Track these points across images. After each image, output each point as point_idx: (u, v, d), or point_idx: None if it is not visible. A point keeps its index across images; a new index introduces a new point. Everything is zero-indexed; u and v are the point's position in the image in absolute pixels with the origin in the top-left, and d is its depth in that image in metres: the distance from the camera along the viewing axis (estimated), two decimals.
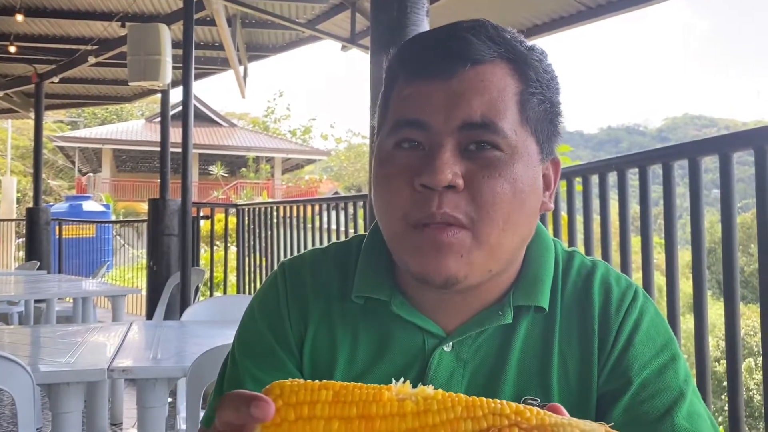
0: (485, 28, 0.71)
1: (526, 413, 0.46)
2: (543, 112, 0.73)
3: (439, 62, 0.70)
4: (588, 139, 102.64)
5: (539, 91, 0.72)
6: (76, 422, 1.87)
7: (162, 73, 4.76)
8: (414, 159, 0.69)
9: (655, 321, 0.76)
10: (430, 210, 0.67)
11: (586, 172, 2.43)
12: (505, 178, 0.68)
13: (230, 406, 0.48)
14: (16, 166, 26.90)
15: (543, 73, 0.73)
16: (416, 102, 0.70)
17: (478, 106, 0.68)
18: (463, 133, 0.68)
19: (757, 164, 1.70)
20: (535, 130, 0.72)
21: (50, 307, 4.70)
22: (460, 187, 0.67)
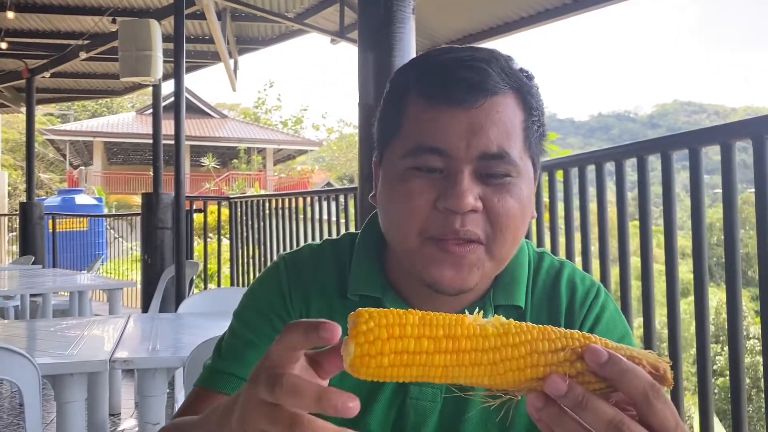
0: (498, 60, 0.78)
1: (592, 338, 0.52)
2: (539, 136, 0.81)
3: (461, 91, 0.75)
4: (579, 126, 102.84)
5: (537, 118, 0.80)
6: (80, 411, 1.96)
7: (153, 69, 4.81)
8: (433, 182, 0.75)
9: (613, 316, 0.87)
10: (454, 227, 0.74)
11: (583, 162, 2.45)
12: (515, 199, 0.77)
13: (297, 331, 0.51)
14: (6, 159, 26.76)
15: (539, 101, 0.81)
16: (438, 129, 0.75)
17: (495, 138, 0.75)
18: (480, 162, 0.75)
19: (756, 153, 1.72)
20: (533, 153, 0.80)
21: (46, 301, 4.77)
22: (479, 210, 0.75)
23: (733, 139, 1.83)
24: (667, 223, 2.03)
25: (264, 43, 7.33)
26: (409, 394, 0.83)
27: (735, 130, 1.88)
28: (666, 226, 2.03)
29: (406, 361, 0.50)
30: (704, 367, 1.86)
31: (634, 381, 0.49)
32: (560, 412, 0.50)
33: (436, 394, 0.82)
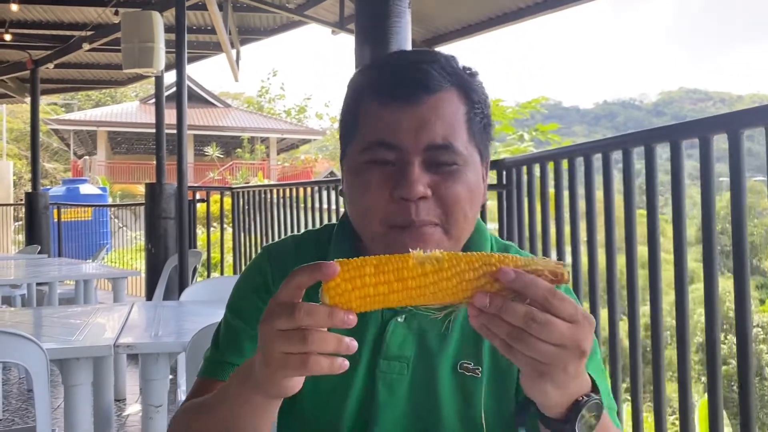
0: (439, 61, 0.87)
1: (506, 260, 0.66)
2: (482, 127, 0.90)
3: (405, 90, 0.85)
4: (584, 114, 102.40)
5: (480, 110, 0.89)
6: (87, 394, 2.04)
7: (156, 60, 4.86)
8: (387, 174, 0.85)
9: None
10: (410, 217, 0.83)
11: (589, 151, 2.46)
12: (461, 185, 0.85)
13: (303, 272, 0.66)
14: (11, 149, 26.88)
15: (482, 95, 0.90)
16: (388, 126, 0.85)
17: (439, 130, 0.84)
18: (428, 153, 0.84)
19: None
20: (478, 142, 0.89)
21: (52, 289, 4.85)
22: (429, 196, 0.84)
23: (743, 127, 1.81)
24: (676, 213, 2.02)
25: (266, 34, 7.37)
26: (378, 368, 0.90)
27: (746, 117, 1.85)
28: (675, 215, 2.02)
29: (368, 301, 0.66)
30: (713, 356, 1.87)
31: (535, 289, 0.64)
32: (490, 317, 0.64)
33: (402, 368, 0.90)
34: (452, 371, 0.90)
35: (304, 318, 0.64)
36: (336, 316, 0.65)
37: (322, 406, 0.92)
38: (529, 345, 0.63)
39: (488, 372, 0.89)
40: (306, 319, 0.64)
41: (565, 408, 0.69)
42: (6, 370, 4.63)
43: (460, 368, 0.90)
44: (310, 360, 0.65)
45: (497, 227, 3.16)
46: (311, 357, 0.65)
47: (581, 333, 0.64)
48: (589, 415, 0.69)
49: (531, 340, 0.63)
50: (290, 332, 0.65)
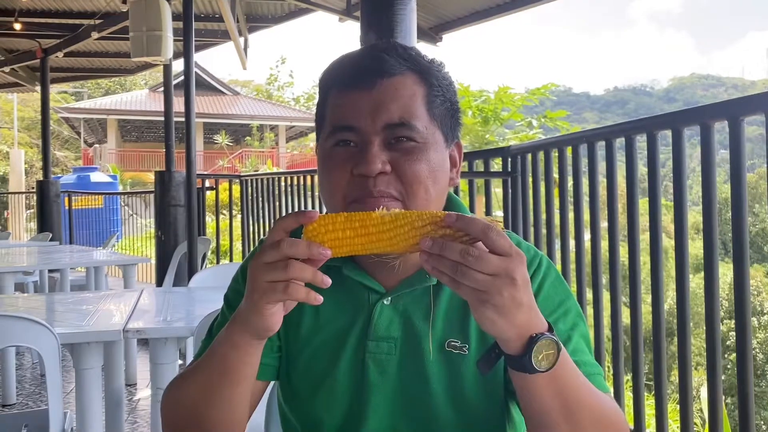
0: (395, 48, 0.93)
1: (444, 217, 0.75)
2: (445, 110, 0.95)
3: (362, 77, 0.91)
4: (594, 100, 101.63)
5: (440, 93, 0.94)
6: (97, 377, 2.09)
7: (164, 49, 4.88)
8: (349, 154, 0.90)
9: (554, 284, 0.96)
10: (368, 190, 0.88)
11: (593, 138, 2.48)
12: (421, 161, 0.90)
13: (289, 218, 0.78)
14: (22, 137, 27.05)
15: (443, 80, 0.95)
16: (347, 110, 0.91)
17: (395, 110, 0.90)
18: (386, 132, 0.90)
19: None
20: (441, 124, 0.94)
21: (64, 276, 4.92)
22: (388, 172, 0.88)
23: (743, 114, 1.81)
24: (677, 199, 2.04)
25: (274, 21, 7.37)
26: (367, 350, 0.94)
27: (746, 104, 1.86)
28: (676, 202, 2.04)
29: (338, 244, 0.78)
30: (713, 342, 1.90)
31: (474, 225, 0.73)
32: (437, 258, 0.74)
33: (391, 348, 0.93)
34: (440, 350, 0.93)
35: (288, 248, 0.75)
36: (313, 247, 0.76)
37: (315, 388, 0.96)
38: (468, 276, 0.72)
39: (475, 349, 0.92)
40: (289, 250, 0.75)
41: (521, 344, 0.76)
42: (19, 355, 4.71)
43: (447, 347, 0.93)
44: (290, 286, 0.76)
45: (502, 214, 3.18)
46: (291, 284, 0.76)
47: (512, 264, 0.72)
48: (546, 350, 0.75)
49: (469, 271, 0.72)
50: (275, 263, 0.76)
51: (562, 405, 0.79)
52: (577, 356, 0.89)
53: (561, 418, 0.79)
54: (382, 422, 0.93)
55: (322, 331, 0.97)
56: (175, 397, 0.93)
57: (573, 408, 0.80)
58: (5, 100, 24.76)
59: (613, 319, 2.38)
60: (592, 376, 0.89)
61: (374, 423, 0.93)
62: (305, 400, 0.97)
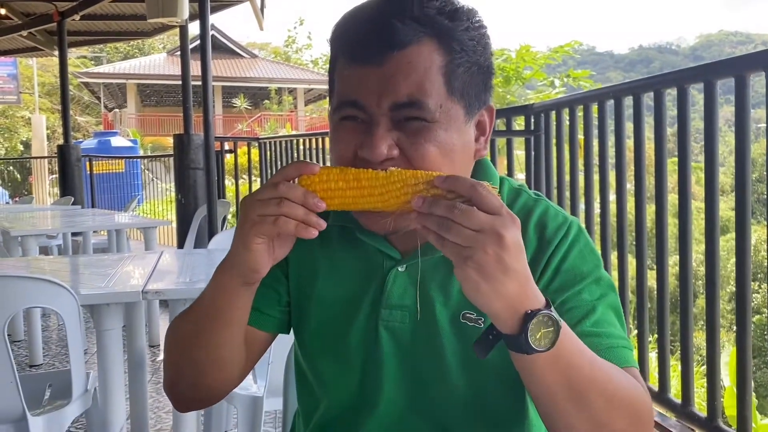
0: (410, 10, 0.81)
1: (435, 177, 0.74)
2: (470, 77, 0.84)
3: (370, 50, 0.81)
4: (618, 59, 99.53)
5: (464, 58, 0.82)
6: (118, 338, 2.10)
7: (180, 9, 4.81)
8: (356, 131, 0.83)
9: (583, 252, 0.88)
10: None
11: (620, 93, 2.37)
12: (431, 143, 0.81)
13: (291, 166, 0.79)
14: (43, 103, 27.24)
15: (468, 41, 0.83)
16: (354, 85, 0.83)
17: (405, 88, 0.80)
18: (394, 112, 0.81)
19: None
20: (463, 94, 0.83)
21: (86, 239, 4.97)
22: (395, 156, 0.81)
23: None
24: (708, 157, 1.95)
25: None
26: (380, 317, 0.90)
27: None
28: (707, 160, 1.95)
29: (330, 195, 0.78)
30: (743, 304, 1.84)
31: (462, 183, 0.71)
32: (425, 216, 0.71)
33: (404, 316, 0.89)
34: (455, 321, 0.88)
35: (284, 189, 0.76)
36: (309, 196, 0.76)
37: (327, 350, 0.93)
38: (452, 230, 0.69)
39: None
40: (285, 191, 0.76)
41: (516, 321, 0.71)
42: (45, 317, 4.79)
43: (462, 318, 0.88)
44: (280, 219, 0.76)
45: (524, 177, 3.11)
46: (282, 217, 0.76)
47: (500, 222, 0.69)
48: (544, 328, 0.70)
49: (453, 225, 0.69)
50: (268, 200, 0.77)
51: (567, 387, 0.73)
52: (601, 327, 0.84)
53: (568, 401, 0.74)
54: (398, 391, 0.90)
55: (335, 294, 0.93)
56: (171, 336, 0.93)
57: (581, 390, 0.74)
58: (25, 66, 24.87)
59: (638, 281, 2.33)
60: (614, 349, 0.83)
61: (389, 393, 0.90)
62: (317, 359, 0.95)
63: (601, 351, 0.81)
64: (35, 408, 1.92)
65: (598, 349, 0.81)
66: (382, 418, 0.90)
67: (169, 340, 0.94)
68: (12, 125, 26.24)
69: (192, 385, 0.93)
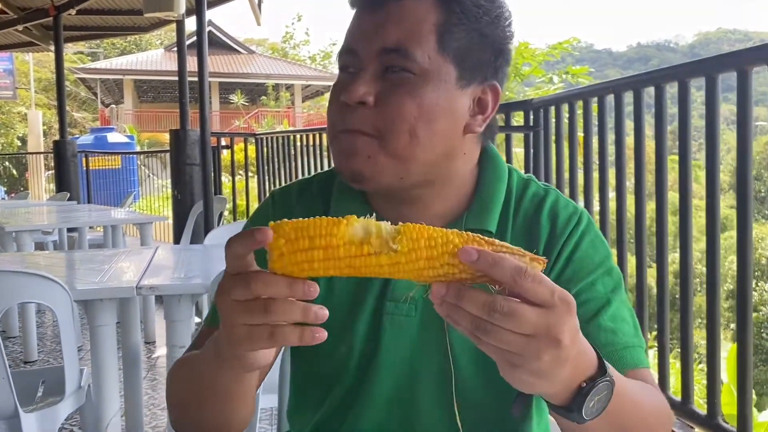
0: None
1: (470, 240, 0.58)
2: (469, 43, 0.81)
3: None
4: (616, 57, 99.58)
5: (465, 23, 0.80)
6: (111, 334, 2.07)
7: (176, 4, 4.78)
8: (345, 80, 0.82)
9: (594, 242, 0.87)
10: (344, 121, 0.81)
11: (620, 89, 2.35)
12: (411, 96, 0.78)
13: (235, 243, 0.59)
14: (39, 99, 27.12)
15: (473, 9, 0.81)
16: (351, 32, 0.83)
17: (394, 34, 0.79)
18: (381, 58, 0.79)
19: None
20: (458, 58, 0.80)
21: (82, 235, 4.94)
22: (370, 104, 0.79)
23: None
24: (709, 151, 1.92)
25: None
26: (385, 310, 0.86)
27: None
28: (708, 153, 1.92)
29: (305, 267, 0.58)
30: (744, 302, 1.82)
31: (501, 269, 0.55)
32: (452, 307, 0.57)
33: (410, 309, 0.86)
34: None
35: (262, 289, 0.58)
36: (296, 287, 0.58)
37: (329, 349, 0.89)
38: (494, 336, 0.56)
39: None
40: (264, 290, 0.58)
41: (567, 397, 0.62)
42: (40, 312, 4.76)
43: None
44: (276, 331, 0.59)
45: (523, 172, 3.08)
46: (278, 328, 0.59)
47: (554, 319, 0.56)
48: (597, 395, 0.62)
49: (495, 330, 0.56)
50: (250, 303, 0.59)
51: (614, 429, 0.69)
52: (617, 323, 0.82)
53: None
54: (397, 388, 0.86)
55: (339, 287, 0.89)
56: (170, 392, 0.84)
57: (625, 427, 0.70)
58: (21, 61, 24.75)
59: (638, 278, 2.31)
60: (629, 348, 0.81)
61: (386, 389, 0.86)
62: (316, 356, 0.91)
63: (618, 351, 0.80)
64: (28, 405, 1.89)
65: (615, 349, 0.80)
66: (378, 415, 0.87)
67: (168, 391, 0.84)
68: (8, 121, 26.13)
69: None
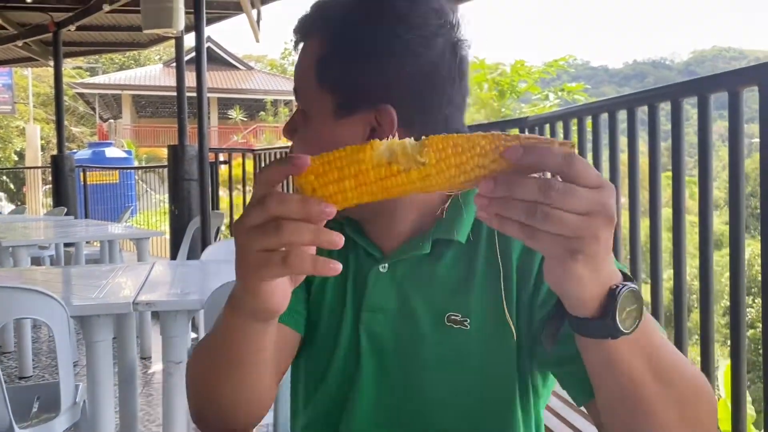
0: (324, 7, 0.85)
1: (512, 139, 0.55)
2: (347, 69, 0.80)
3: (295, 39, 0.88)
4: (613, 74, 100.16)
5: (340, 53, 0.80)
6: (107, 350, 2.07)
7: (175, 20, 4.81)
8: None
9: None
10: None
11: (614, 107, 2.36)
12: (299, 134, 0.86)
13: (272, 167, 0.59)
14: (38, 113, 27.17)
15: (351, 36, 0.80)
16: None
17: (296, 75, 0.87)
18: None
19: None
20: (335, 87, 0.81)
21: (79, 250, 4.94)
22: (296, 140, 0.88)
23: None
24: (702, 170, 1.93)
25: None
26: (361, 321, 0.87)
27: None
28: (701, 172, 1.93)
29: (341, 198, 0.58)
30: (737, 319, 1.82)
31: (552, 157, 0.53)
32: (502, 202, 0.54)
33: (386, 320, 0.86)
34: (439, 325, 0.84)
35: (276, 206, 0.57)
36: (310, 204, 0.57)
37: (315, 360, 0.91)
38: (553, 218, 0.53)
39: (478, 323, 0.83)
40: (277, 208, 0.57)
41: (599, 302, 0.59)
42: (36, 328, 4.75)
43: (447, 321, 0.84)
44: (290, 255, 0.57)
45: None
46: (291, 252, 0.57)
47: (606, 197, 0.54)
48: (628, 305, 0.59)
49: (554, 212, 0.53)
50: (264, 225, 0.58)
51: (653, 370, 0.63)
52: None
53: (654, 384, 0.64)
54: (377, 399, 0.87)
55: (326, 293, 0.91)
56: (190, 374, 0.86)
57: (665, 370, 0.65)
58: (20, 76, 24.83)
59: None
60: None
61: (368, 400, 0.87)
62: (302, 366, 0.93)
63: None
64: (23, 421, 1.89)
65: None
66: (359, 426, 0.88)
67: (188, 377, 0.87)
68: (6, 135, 26.17)
69: (221, 420, 0.85)
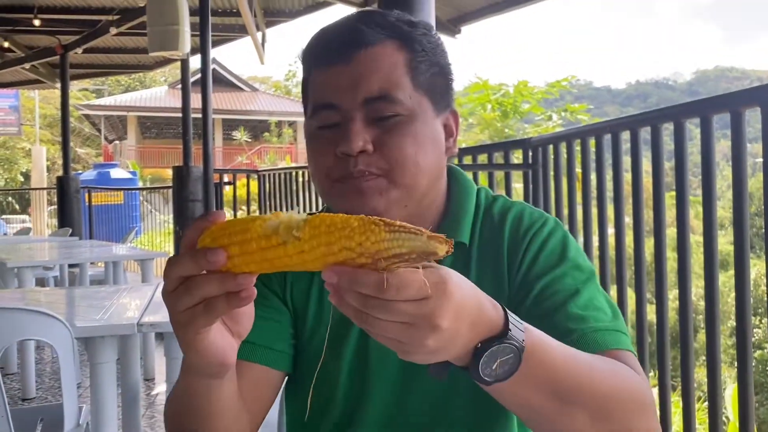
0: (372, 16, 0.88)
1: (367, 241, 0.56)
2: (432, 75, 0.88)
3: (339, 51, 0.86)
4: (616, 94, 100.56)
5: (426, 57, 0.87)
6: (111, 371, 2.07)
7: (181, 43, 4.87)
8: (333, 135, 0.85)
9: (564, 240, 0.89)
10: (348, 170, 0.84)
11: (617, 128, 2.38)
12: (406, 135, 0.84)
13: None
14: (44, 134, 27.37)
15: (427, 43, 0.88)
16: (327, 87, 0.87)
17: (375, 82, 0.84)
18: (368, 107, 0.84)
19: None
20: (429, 91, 0.88)
21: (83, 271, 4.94)
22: (370, 151, 0.84)
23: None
24: (706, 191, 1.95)
25: (291, 16, 7.34)
26: (370, 337, 0.87)
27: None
28: (705, 193, 1.95)
29: (227, 264, 0.60)
30: (744, 340, 1.82)
31: (363, 287, 0.57)
32: (339, 295, 0.58)
33: None
34: None
35: (174, 268, 0.63)
36: (197, 257, 0.61)
37: (320, 377, 0.92)
38: (375, 326, 0.58)
39: None
40: (175, 269, 0.63)
41: (466, 359, 0.63)
42: (39, 349, 4.74)
43: None
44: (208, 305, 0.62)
45: None
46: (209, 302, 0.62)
47: (429, 308, 0.57)
48: (501, 356, 0.63)
49: (377, 321, 0.58)
50: (176, 289, 0.63)
51: (554, 395, 0.67)
52: (588, 311, 0.82)
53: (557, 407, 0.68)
54: (383, 412, 0.88)
55: (326, 318, 0.92)
56: (167, 420, 0.87)
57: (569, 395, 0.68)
58: (27, 98, 25.07)
59: (638, 315, 2.31)
60: (600, 332, 0.79)
61: (373, 414, 0.88)
62: (309, 388, 0.93)
63: (587, 334, 0.79)
64: None
65: (583, 333, 0.79)
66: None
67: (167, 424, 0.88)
68: (12, 156, 26.35)
69: None
